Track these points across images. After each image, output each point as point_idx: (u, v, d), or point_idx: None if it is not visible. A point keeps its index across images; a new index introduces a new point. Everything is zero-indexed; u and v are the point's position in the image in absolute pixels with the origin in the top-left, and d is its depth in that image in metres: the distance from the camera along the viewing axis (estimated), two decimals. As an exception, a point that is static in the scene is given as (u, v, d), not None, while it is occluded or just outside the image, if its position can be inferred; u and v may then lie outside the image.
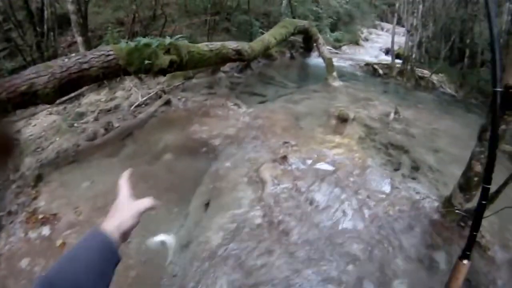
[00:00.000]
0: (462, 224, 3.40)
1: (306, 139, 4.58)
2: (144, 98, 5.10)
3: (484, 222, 3.10)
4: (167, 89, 5.57)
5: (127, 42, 3.99)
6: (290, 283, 2.60)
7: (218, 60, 5.40)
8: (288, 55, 10.45)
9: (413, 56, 10.27)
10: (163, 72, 4.22)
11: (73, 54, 3.89)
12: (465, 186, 3.33)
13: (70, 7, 5.55)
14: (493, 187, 2.64)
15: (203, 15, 9.56)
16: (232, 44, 5.59)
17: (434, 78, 10.06)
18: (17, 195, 3.39)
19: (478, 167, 3.17)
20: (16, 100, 3.24)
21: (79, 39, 5.75)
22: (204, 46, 4.95)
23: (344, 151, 4.44)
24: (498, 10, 11.72)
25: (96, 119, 4.70)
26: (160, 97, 5.21)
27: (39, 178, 3.57)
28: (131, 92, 5.27)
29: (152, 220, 3.00)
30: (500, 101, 2.73)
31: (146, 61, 3.91)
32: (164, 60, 4.07)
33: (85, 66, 3.52)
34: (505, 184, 3.11)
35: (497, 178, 2.85)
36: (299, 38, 10.82)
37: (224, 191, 3.44)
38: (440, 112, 7.31)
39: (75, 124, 4.53)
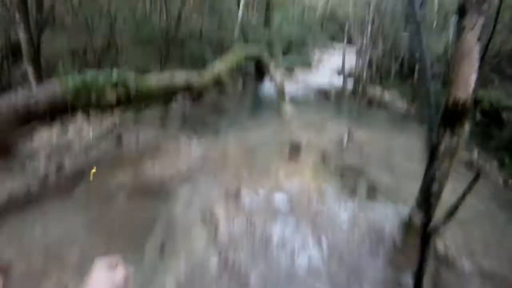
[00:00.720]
0: (425, 241, 3.52)
1: (259, 171, 4.71)
2: (96, 134, 5.04)
3: (447, 234, 3.49)
4: (118, 123, 5.54)
5: (73, 76, 3.96)
6: None
7: (167, 94, 5.47)
8: (240, 84, 10.68)
9: (364, 75, 10.89)
10: (111, 108, 4.21)
11: (20, 90, 3.80)
12: (423, 203, 3.40)
13: (22, 35, 5.44)
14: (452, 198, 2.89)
15: (156, 43, 9.62)
16: (182, 77, 5.68)
17: (386, 95, 10.67)
18: None
19: (435, 186, 3.20)
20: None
21: (29, 69, 5.65)
22: (153, 79, 4.99)
23: (299, 180, 4.61)
24: (445, 24, 12.68)
25: (48, 157, 4.59)
26: (112, 131, 5.18)
27: None
28: (82, 126, 5.19)
29: (112, 251, 2.97)
30: (450, 115, 3.04)
31: (93, 98, 3.89)
32: (112, 96, 4.07)
33: (32, 101, 3.45)
34: (463, 196, 3.34)
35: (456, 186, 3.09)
36: (251, 67, 11.08)
37: (178, 233, 3.44)
38: (393, 128, 7.76)
39: (27, 164, 4.41)
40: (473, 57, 2.89)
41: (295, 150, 5.56)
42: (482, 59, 5.58)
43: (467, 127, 8.50)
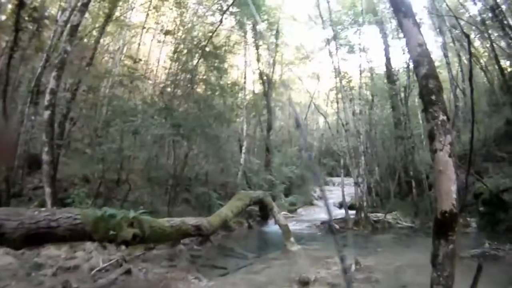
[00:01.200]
0: None
1: None
2: (105, 264, 5.01)
3: None
4: (127, 258, 5.54)
5: (93, 209, 4.36)
6: None
7: (178, 236, 5.86)
8: (246, 225, 10.98)
9: (365, 203, 11.27)
10: (126, 243, 4.49)
11: (43, 209, 4.05)
12: None
13: (45, 157, 5.84)
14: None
15: (164, 185, 10.11)
16: (191, 220, 6.11)
17: (389, 217, 10.93)
18: None
19: None
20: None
21: (47, 190, 5.95)
22: (165, 222, 5.42)
23: None
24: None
25: (54, 274, 4.55)
26: (121, 265, 5.14)
27: None
28: (91, 254, 5.20)
29: None
30: (440, 225, 3.22)
31: (111, 232, 4.18)
32: (128, 232, 4.39)
33: (53, 224, 3.73)
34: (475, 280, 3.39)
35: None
36: (255, 208, 11.38)
37: None
38: (400, 247, 7.89)
39: (33, 274, 4.41)
40: (449, 172, 3.24)
41: (303, 286, 5.51)
42: (471, 153, 5.95)
43: (473, 224, 8.89)
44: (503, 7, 11.22)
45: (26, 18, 8.09)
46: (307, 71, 25.30)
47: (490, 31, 12.73)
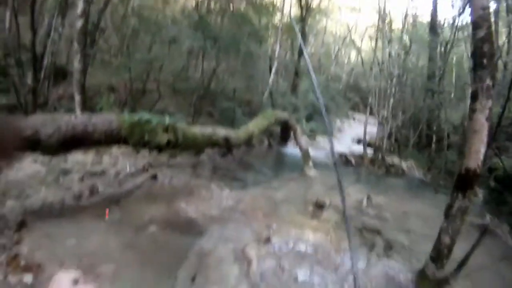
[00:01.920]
0: None
1: (286, 223, 4.83)
2: (132, 170, 5.25)
3: (457, 285, 3.75)
4: (153, 163, 5.78)
5: (130, 114, 4.34)
6: None
7: (208, 144, 5.88)
8: (266, 143, 11.06)
9: (384, 145, 11.27)
10: (159, 148, 4.54)
11: (79, 114, 4.11)
12: (436, 257, 3.72)
13: (77, 65, 5.95)
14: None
15: (189, 96, 10.17)
16: (221, 131, 6.12)
17: (404, 164, 10.92)
18: None
19: (447, 240, 3.63)
20: (18, 143, 3.38)
21: (77, 97, 6.09)
22: (198, 129, 5.42)
23: (322, 234, 4.70)
24: (462, 96, 13.11)
25: (81, 179, 4.77)
26: (147, 170, 5.39)
27: (22, 224, 3.51)
28: (118, 160, 5.43)
29: (145, 283, 3.05)
30: (462, 180, 3.51)
31: (146, 137, 4.23)
32: (163, 138, 4.44)
33: (90, 128, 3.77)
34: (472, 250, 3.69)
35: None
36: (277, 128, 11.50)
37: (210, 266, 3.52)
38: (410, 196, 7.95)
39: (61, 180, 4.58)
40: (483, 134, 3.44)
41: (318, 208, 5.73)
42: (497, 128, 5.88)
43: (480, 193, 8.84)
44: None
45: None
46: (348, 3, 24.09)
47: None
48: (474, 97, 3.53)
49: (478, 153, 3.48)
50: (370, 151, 11.83)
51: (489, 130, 3.47)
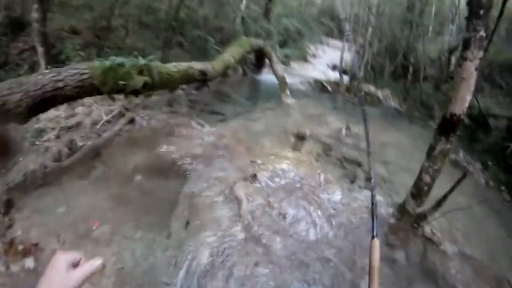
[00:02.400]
0: (416, 225, 4.03)
1: (270, 157, 4.93)
2: (108, 117, 5.03)
3: (434, 222, 4.09)
4: (128, 106, 5.57)
5: (101, 60, 3.99)
6: (278, 284, 2.94)
7: (184, 81, 5.67)
8: (240, 71, 10.75)
9: (360, 72, 10.98)
10: (136, 92, 4.29)
11: (47, 71, 3.74)
12: (416, 194, 3.99)
13: (34, 15, 5.43)
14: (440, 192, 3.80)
15: (157, 29, 9.62)
16: (197, 65, 5.87)
17: (380, 93, 10.92)
18: None
19: (427, 178, 3.89)
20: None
21: (40, 49, 5.60)
22: (173, 67, 5.15)
23: (306, 167, 4.88)
24: (441, 30, 13.06)
25: (57, 136, 4.52)
26: (123, 115, 5.20)
27: (9, 204, 3.30)
28: (92, 109, 5.16)
29: (137, 244, 3.06)
30: (446, 125, 3.64)
31: (121, 82, 3.96)
32: (138, 81, 4.17)
33: (60, 84, 3.43)
34: (451, 191, 3.84)
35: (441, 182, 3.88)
36: (250, 55, 11.14)
37: (202, 210, 3.61)
38: (386, 125, 8.10)
39: (37, 142, 4.34)
40: (471, 82, 3.53)
41: (300, 140, 5.83)
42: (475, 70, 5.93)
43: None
44: None
45: None
46: None
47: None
48: (466, 45, 3.54)
49: (464, 100, 3.58)
50: (346, 78, 11.75)
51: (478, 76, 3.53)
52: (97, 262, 0.85)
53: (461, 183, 3.95)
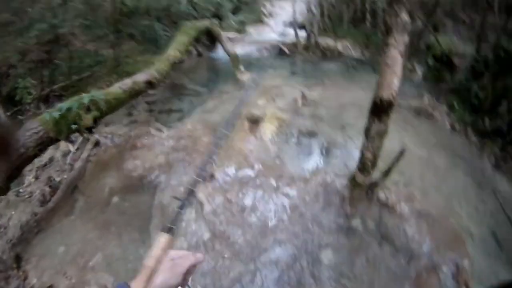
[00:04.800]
0: (369, 193, 4.38)
1: (226, 150, 5.37)
2: (75, 146, 5.77)
3: (390, 185, 4.42)
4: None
5: (49, 112, 4.46)
6: (244, 274, 3.68)
7: (132, 97, 6.10)
8: (195, 52, 11.15)
9: (316, 25, 11.28)
10: (89, 129, 4.84)
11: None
12: (362, 169, 4.32)
13: None
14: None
15: (104, 24, 9.86)
16: (141, 77, 6.33)
17: (339, 45, 11.22)
18: (7, 280, 3.74)
19: (369, 155, 4.17)
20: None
21: None
22: (117, 89, 5.60)
23: (261, 151, 5.43)
24: None
25: (36, 177, 5.16)
26: (88, 139, 5.91)
27: (18, 258, 4.00)
28: (59, 143, 5.73)
29: (126, 261, 3.88)
30: (377, 109, 3.94)
31: (73, 126, 4.53)
32: (88, 119, 4.71)
33: (22, 150, 3.96)
34: (393, 164, 4.14)
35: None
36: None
37: (171, 215, 4.35)
38: (347, 82, 8.51)
39: (21, 190, 4.94)
40: (396, 68, 3.66)
41: (254, 122, 6.29)
42: (435, 7, 6.11)
43: (419, 71, 9.33)
44: None
45: None
46: None
47: None
48: (388, 31, 3.62)
49: (391, 84, 3.72)
50: (303, 34, 11.88)
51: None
52: (199, 255, 1.05)
53: (400, 158, 4.10)
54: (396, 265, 3.85)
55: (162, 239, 1.06)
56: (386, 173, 4.21)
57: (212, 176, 4.98)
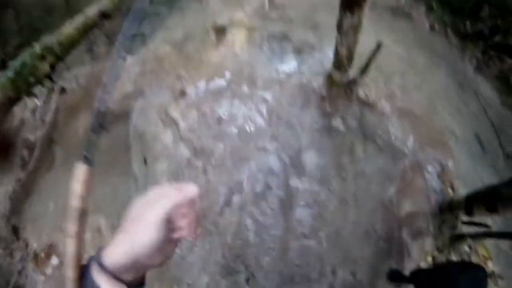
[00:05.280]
0: (348, 91, 4.40)
1: (195, 65, 5.25)
2: (42, 101, 5.61)
3: (369, 82, 4.42)
4: (54, 77, 6.01)
5: (1, 73, 4.33)
6: (230, 186, 3.86)
7: (87, 33, 5.82)
8: None
9: None
10: (49, 77, 4.78)
11: None
12: (338, 66, 4.29)
13: None
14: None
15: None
16: (93, 10, 5.93)
17: None
18: (11, 255, 3.93)
19: (344, 52, 4.10)
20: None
21: None
22: (69, 27, 5.29)
23: (231, 60, 5.25)
24: None
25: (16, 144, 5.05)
26: (53, 89, 5.72)
27: (15, 229, 4.15)
28: (24, 101, 5.62)
29: (117, 199, 3.98)
30: (346, 2, 3.70)
31: (31, 79, 4.41)
32: (45, 67, 4.58)
33: None
34: (369, 61, 4.25)
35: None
36: None
37: (150, 143, 4.34)
38: None
39: None
40: None
41: (220, 32, 6.01)
42: None
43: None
44: None
45: None
46: None
47: None
48: None
49: None
50: None
51: None
52: (188, 186, 0.75)
53: (377, 54, 4.23)
54: (381, 164, 3.95)
55: (78, 171, 0.90)
56: (364, 69, 4.24)
57: (183, 93, 4.89)
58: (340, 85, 4.35)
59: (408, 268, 3.65)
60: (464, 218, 3.86)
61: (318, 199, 3.89)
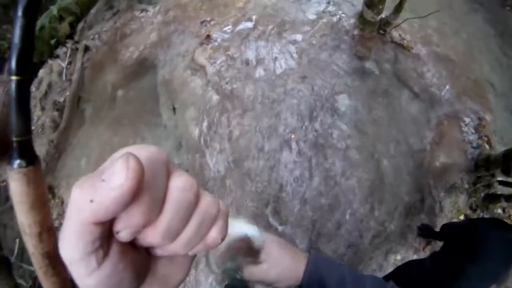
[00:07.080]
0: (382, 32, 4.21)
1: (219, 9, 5.11)
2: (66, 62, 5.70)
3: (404, 25, 4.22)
4: (77, 37, 6.07)
5: None
6: (261, 129, 3.80)
7: None
8: None
9: None
10: (70, 37, 4.73)
11: None
12: (370, 4, 3.97)
13: None
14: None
15: None
16: None
17: None
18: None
19: None
20: None
21: None
22: None
23: (257, 3, 4.99)
24: None
25: (42, 108, 5.26)
26: (77, 49, 5.78)
27: (51, 188, 4.31)
28: (49, 63, 5.74)
29: (144, 136, 4.08)
30: None
31: (52, 41, 4.27)
32: (64, 27, 4.44)
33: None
34: None
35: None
36: None
37: (178, 91, 4.35)
38: None
39: (33, 128, 5.14)
40: None
41: None
42: None
43: None
44: None
45: None
46: None
47: None
48: None
49: None
50: None
51: None
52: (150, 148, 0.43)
53: None
54: (416, 111, 3.81)
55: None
56: (397, 8, 3.89)
57: (208, 37, 4.76)
58: (373, 24, 4.11)
59: (439, 225, 3.55)
60: (500, 177, 3.70)
61: (350, 144, 3.79)
